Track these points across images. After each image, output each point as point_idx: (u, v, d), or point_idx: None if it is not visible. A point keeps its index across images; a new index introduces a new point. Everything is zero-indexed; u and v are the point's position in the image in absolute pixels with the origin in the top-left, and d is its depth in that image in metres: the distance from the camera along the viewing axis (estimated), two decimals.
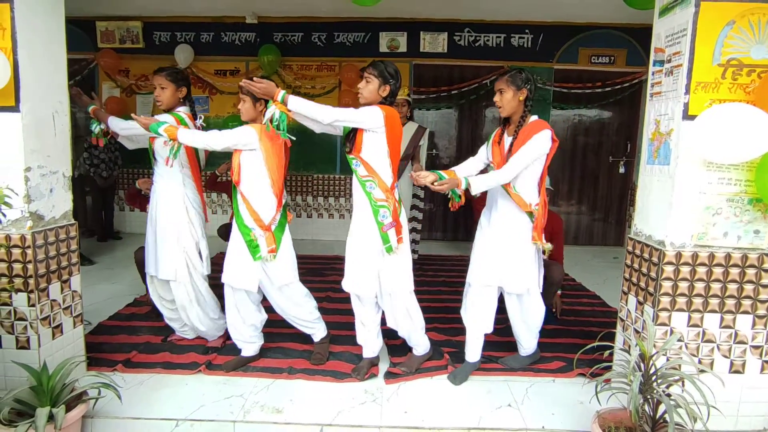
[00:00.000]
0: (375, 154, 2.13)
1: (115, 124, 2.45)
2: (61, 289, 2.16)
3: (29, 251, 1.98)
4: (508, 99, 2.16)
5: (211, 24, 5.22)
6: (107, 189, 5.02)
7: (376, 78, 2.14)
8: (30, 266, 1.99)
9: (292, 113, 2.09)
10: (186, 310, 2.52)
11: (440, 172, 2.15)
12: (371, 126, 2.10)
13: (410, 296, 2.28)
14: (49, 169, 2.09)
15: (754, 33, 1.81)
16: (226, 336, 2.60)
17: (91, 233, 5.13)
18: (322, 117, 2.08)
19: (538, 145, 2.11)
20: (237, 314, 2.36)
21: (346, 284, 2.29)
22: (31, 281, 2.00)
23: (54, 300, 2.12)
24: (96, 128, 2.51)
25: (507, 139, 2.23)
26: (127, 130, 2.44)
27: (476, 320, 2.32)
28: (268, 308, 2.46)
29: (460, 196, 2.19)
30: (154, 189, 2.51)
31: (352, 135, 2.19)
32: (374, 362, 2.43)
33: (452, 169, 2.29)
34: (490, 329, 2.35)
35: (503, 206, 2.24)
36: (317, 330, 2.49)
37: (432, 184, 2.08)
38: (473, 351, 2.38)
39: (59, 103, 2.14)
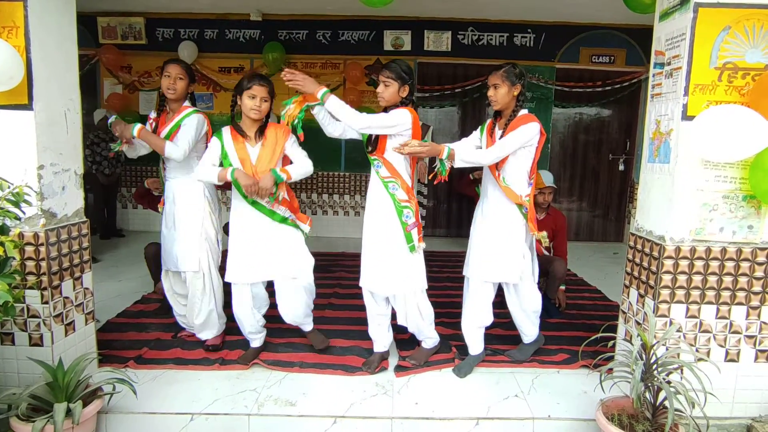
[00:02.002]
0: (398, 155, 2.14)
1: (185, 159, 2.36)
2: (73, 286, 2.15)
3: (42, 249, 1.97)
4: (502, 94, 2.18)
5: (216, 21, 5.21)
6: (110, 186, 4.99)
7: (394, 81, 2.13)
8: (43, 264, 1.98)
9: (313, 112, 2.13)
10: (198, 301, 2.49)
11: (427, 140, 2.18)
12: (401, 130, 2.12)
13: (422, 294, 2.31)
14: (62, 167, 2.08)
15: (748, 38, 1.87)
16: (224, 335, 2.63)
17: (93, 231, 5.10)
18: (353, 122, 2.08)
19: (525, 134, 2.14)
20: (243, 308, 2.35)
21: (364, 283, 2.32)
22: (45, 279, 1.99)
23: (66, 297, 2.11)
24: (116, 147, 2.48)
25: (498, 132, 2.25)
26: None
27: (475, 313, 2.36)
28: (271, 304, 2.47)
29: (446, 170, 2.17)
30: (170, 187, 2.50)
31: (374, 136, 2.19)
32: (385, 356, 2.46)
33: (445, 143, 2.27)
34: (489, 321, 2.39)
35: (494, 198, 2.28)
36: (310, 321, 2.52)
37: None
38: (475, 343, 2.42)
39: (71, 100, 2.13)
